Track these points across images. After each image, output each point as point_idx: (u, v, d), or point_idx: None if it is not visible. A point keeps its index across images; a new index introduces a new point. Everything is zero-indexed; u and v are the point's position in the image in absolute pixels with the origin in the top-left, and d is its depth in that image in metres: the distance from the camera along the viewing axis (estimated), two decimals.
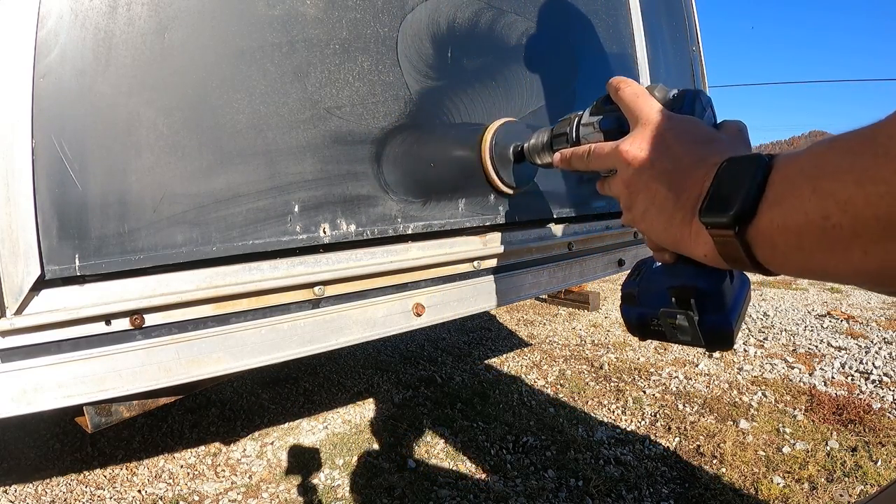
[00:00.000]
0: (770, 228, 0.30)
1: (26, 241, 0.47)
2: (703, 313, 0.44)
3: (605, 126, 0.52)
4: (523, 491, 1.66)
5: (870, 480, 1.63)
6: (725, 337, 0.44)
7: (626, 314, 0.51)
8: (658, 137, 0.41)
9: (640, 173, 0.41)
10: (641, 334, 0.50)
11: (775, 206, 0.29)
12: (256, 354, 0.62)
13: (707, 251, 0.35)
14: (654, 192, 0.40)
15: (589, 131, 0.55)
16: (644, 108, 0.44)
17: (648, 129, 0.42)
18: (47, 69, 0.48)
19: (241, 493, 1.70)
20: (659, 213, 0.39)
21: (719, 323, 0.44)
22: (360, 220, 0.69)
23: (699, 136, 0.40)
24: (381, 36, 0.71)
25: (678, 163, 0.38)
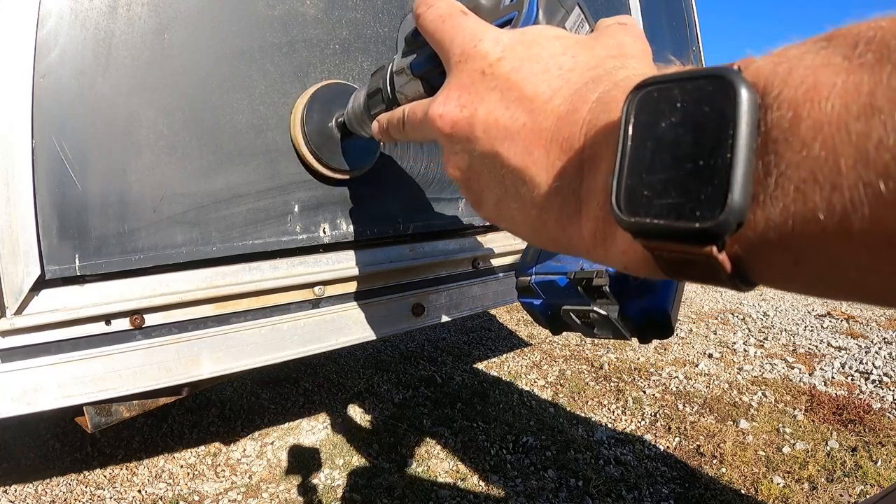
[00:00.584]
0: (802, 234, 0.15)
1: (26, 241, 0.47)
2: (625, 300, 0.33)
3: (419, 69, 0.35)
4: (523, 491, 1.66)
5: (870, 480, 1.63)
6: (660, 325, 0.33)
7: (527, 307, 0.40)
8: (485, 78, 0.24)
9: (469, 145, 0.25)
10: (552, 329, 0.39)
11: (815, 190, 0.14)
12: (256, 354, 0.62)
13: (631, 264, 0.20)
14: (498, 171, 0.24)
15: (403, 81, 0.37)
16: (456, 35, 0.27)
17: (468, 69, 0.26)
18: (47, 69, 0.48)
19: (241, 493, 1.70)
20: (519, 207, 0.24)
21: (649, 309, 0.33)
22: (360, 220, 0.69)
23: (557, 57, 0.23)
24: (381, 36, 0.71)
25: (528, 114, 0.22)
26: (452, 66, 0.27)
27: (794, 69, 0.15)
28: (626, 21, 0.27)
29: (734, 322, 3.50)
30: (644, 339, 0.35)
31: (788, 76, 0.15)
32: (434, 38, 0.29)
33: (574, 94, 0.21)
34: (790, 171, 0.14)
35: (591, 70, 0.23)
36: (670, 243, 0.17)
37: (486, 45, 0.25)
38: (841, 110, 0.13)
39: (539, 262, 0.38)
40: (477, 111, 0.24)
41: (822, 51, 0.15)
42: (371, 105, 0.44)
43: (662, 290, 0.33)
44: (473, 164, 0.26)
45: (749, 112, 0.15)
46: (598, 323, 0.35)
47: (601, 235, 0.20)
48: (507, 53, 0.24)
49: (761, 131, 0.15)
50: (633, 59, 0.24)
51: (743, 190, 0.15)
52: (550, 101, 0.22)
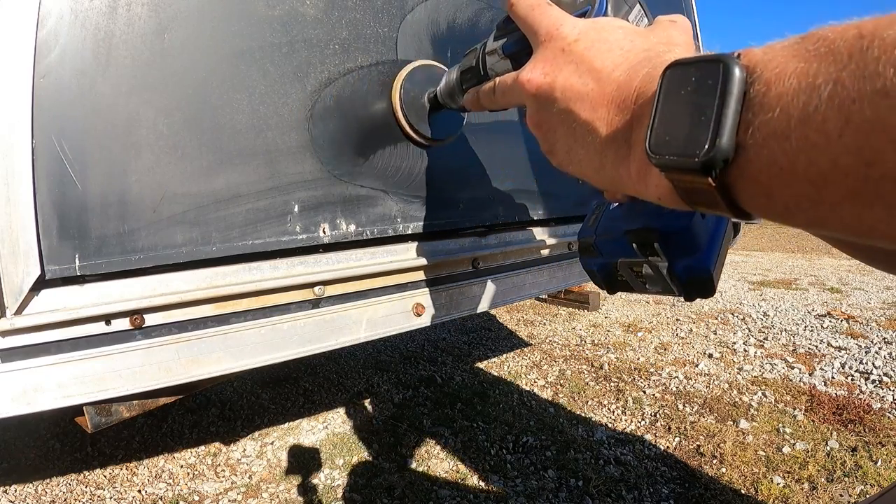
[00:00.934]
0: (768, 173, 0.20)
1: (26, 241, 0.47)
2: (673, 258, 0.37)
3: (510, 50, 0.43)
4: (523, 491, 1.66)
5: (870, 480, 1.63)
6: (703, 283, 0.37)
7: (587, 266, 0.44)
8: (564, 54, 0.32)
9: (549, 105, 0.32)
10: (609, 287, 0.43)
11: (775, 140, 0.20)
12: (256, 354, 0.62)
13: (662, 194, 0.26)
14: (571, 125, 0.31)
15: (495, 60, 0.45)
16: (542, 20, 0.35)
17: (551, 47, 0.33)
18: (47, 69, 0.48)
19: (241, 493, 1.70)
20: (585, 153, 0.31)
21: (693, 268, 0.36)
22: (360, 220, 0.69)
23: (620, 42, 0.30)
24: (381, 36, 0.71)
25: (595, 82, 0.29)
26: (539, 44, 0.34)
27: (774, 58, 0.21)
28: (677, 19, 0.34)
29: (734, 322, 3.50)
30: (689, 297, 0.38)
31: (769, 62, 0.21)
32: (525, 22, 0.36)
33: (630, 69, 0.28)
34: (762, 127, 0.20)
35: (644, 52, 0.29)
36: (682, 174, 0.23)
37: (566, 29, 0.33)
38: (795, 86, 0.19)
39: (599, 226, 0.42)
40: (557, 78, 0.31)
41: (795, 45, 0.20)
42: (464, 80, 0.52)
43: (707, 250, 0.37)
44: (552, 119, 0.33)
45: (738, 85, 0.21)
46: (649, 278, 0.39)
47: (642, 173, 0.27)
48: (582, 36, 0.32)
49: (746, 99, 0.21)
50: (678, 47, 0.30)
51: (729, 136, 0.21)
52: (613, 73, 0.29)
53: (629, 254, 0.39)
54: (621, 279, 0.42)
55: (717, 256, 0.38)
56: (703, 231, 0.38)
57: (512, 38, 0.42)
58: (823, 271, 5.70)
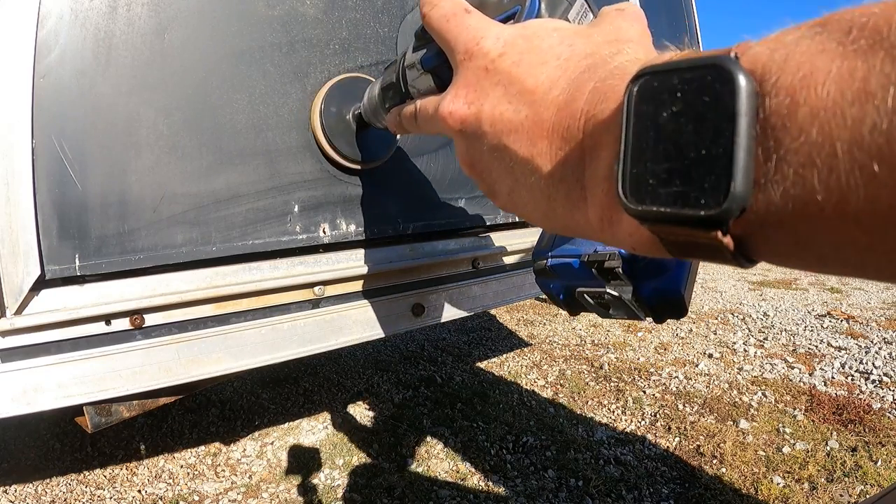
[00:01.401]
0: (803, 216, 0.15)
1: (26, 241, 0.47)
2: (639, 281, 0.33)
3: (429, 64, 0.35)
4: (523, 491, 1.66)
5: (870, 480, 1.63)
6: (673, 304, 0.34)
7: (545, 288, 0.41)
8: (489, 74, 0.25)
9: (478, 140, 0.26)
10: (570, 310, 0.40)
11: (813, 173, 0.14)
12: (256, 354, 0.62)
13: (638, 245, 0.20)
14: (507, 163, 0.25)
15: (415, 75, 0.37)
16: (460, 34, 0.28)
17: (472, 66, 0.26)
18: (47, 69, 0.48)
19: (241, 493, 1.70)
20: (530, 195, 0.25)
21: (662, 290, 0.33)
22: (360, 220, 0.69)
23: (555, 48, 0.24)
24: (381, 36, 0.71)
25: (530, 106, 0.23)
26: (458, 65, 0.28)
27: (791, 56, 0.15)
28: (625, 6, 0.27)
29: (734, 322, 3.50)
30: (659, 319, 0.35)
31: (785, 63, 0.15)
32: (440, 37, 0.30)
33: (571, 84, 0.22)
34: (789, 157, 0.15)
35: (587, 58, 0.23)
36: (676, 228, 0.18)
37: (489, 43, 0.26)
38: (836, 96, 0.14)
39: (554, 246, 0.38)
40: (483, 107, 0.25)
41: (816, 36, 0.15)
42: (386, 98, 0.45)
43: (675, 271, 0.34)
44: (484, 157, 0.27)
45: (748, 100, 0.15)
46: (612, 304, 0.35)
47: (607, 220, 0.21)
48: (508, 49, 0.25)
49: (760, 118, 0.15)
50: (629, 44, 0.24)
51: (745, 177, 0.15)
52: (550, 92, 0.23)
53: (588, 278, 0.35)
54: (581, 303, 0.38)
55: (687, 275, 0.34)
56: None
57: (431, 51, 0.35)
58: None
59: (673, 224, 0.17)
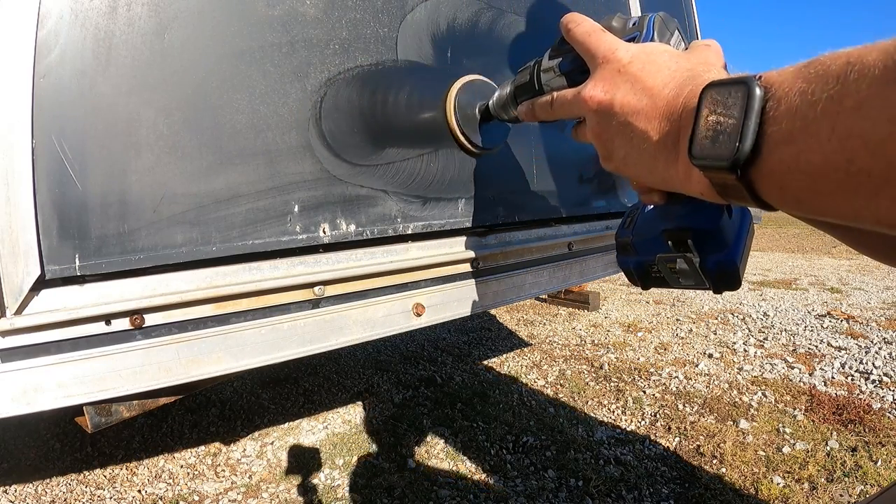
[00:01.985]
0: (779, 170, 0.26)
1: (26, 241, 0.47)
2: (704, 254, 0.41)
3: (565, 68, 0.48)
4: (523, 491, 1.66)
5: (870, 480, 1.63)
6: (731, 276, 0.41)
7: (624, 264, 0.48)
8: (620, 74, 0.37)
9: (609, 118, 0.38)
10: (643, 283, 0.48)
11: (784, 144, 0.25)
12: (256, 354, 0.62)
13: (703, 190, 0.32)
14: (628, 135, 0.36)
15: (550, 77, 0.50)
16: (600, 45, 0.40)
17: (608, 68, 0.38)
18: (47, 69, 0.48)
19: (241, 493, 1.70)
20: (640, 157, 0.36)
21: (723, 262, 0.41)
22: (360, 220, 0.69)
23: (667, 63, 0.36)
24: (381, 36, 0.71)
25: (649, 98, 0.35)
26: (597, 66, 0.40)
27: (785, 80, 0.26)
28: (710, 44, 0.40)
29: (734, 322, 3.50)
30: (718, 289, 0.43)
31: (781, 83, 0.26)
32: (583, 46, 0.42)
33: (677, 87, 0.34)
34: (773, 134, 0.26)
35: (687, 72, 0.35)
36: (715, 172, 0.29)
37: (621, 53, 0.38)
38: (798, 102, 0.25)
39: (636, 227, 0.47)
40: (615, 95, 0.37)
41: (801, 69, 0.26)
42: (518, 94, 0.58)
43: (734, 246, 0.42)
44: (610, 130, 0.38)
45: (758, 102, 0.27)
46: (682, 273, 0.43)
47: (687, 173, 0.32)
48: (635, 59, 0.37)
49: (765, 113, 0.26)
50: (714, 68, 0.36)
51: (749, 142, 0.27)
52: (663, 91, 0.34)
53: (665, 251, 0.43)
54: (656, 275, 0.46)
55: (742, 251, 0.42)
56: (731, 229, 0.42)
57: (568, 58, 0.48)
58: (823, 271, 5.70)
59: (713, 170, 0.29)
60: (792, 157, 0.25)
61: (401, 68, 0.73)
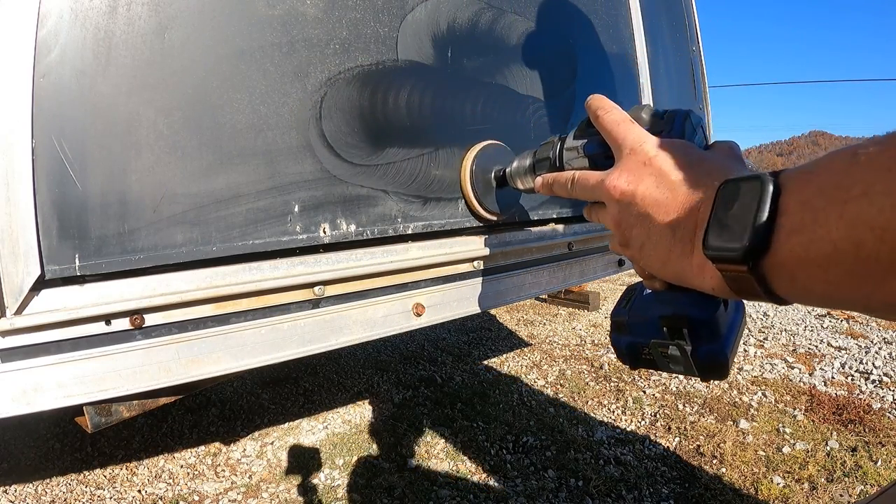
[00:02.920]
0: (790, 261, 0.26)
1: (26, 241, 0.47)
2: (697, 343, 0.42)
3: (590, 151, 0.49)
4: (523, 491, 1.66)
5: (870, 480, 1.63)
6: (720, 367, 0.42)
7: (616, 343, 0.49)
8: (645, 167, 0.38)
9: (630, 208, 0.39)
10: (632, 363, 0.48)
11: (794, 234, 0.26)
12: (256, 354, 0.62)
13: (715, 284, 0.32)
14: (647, 226, 0.37)
15: (573, 156, 0.52)
16: (628, 136, 0.41)
17: (634, 159, 0.39)
18: (47, 69, 0.48)
19: (241, 493, 1.70)
20: (655, 248, 0.37)
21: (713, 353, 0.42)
22: (360, 220, 0.69)
23: (691, 159, 0.37)
24: (381, 36, 0.71)
25: (670, 192, 0.36)
26: (623, 156, 0.41)
27: (800, 176, 0.27)
28: (732, 146, 0.42)
29: None
30: (705, 378, 0.43)
31: (796, 179, 0.27)
32: (611, 134, 0.43)
33: (697, 183, 0.35)
34: (787, 225, 0.27)
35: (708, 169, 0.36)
36: (727, 264, 0.29)
37: (648, 147, 0.39)
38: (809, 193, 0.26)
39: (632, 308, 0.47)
40: (639, 187, 0.38)
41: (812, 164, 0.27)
42: (537, 167, 0.59)
43: (726, 338, 0.42)
44: (630, 219, 0.39)
45: (770, 196, 0.27)
46: (673, 359, 0.43)
47: (701, 266, 0.33)
48: (661, 154, 0.38)
49: (777, 205, 0.27)
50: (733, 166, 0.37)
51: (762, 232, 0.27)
52: (684, 186, 0.36)
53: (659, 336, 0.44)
54: (646, 357, 0.46)
55: (733, 343, 0.43)
56: (725, 321, 0.43)
57: (594, 141, 0.49)
58: None
59: (725, 262, 0.29)
60: (802, 247, 0.25)
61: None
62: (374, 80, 0.70)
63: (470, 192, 0.77)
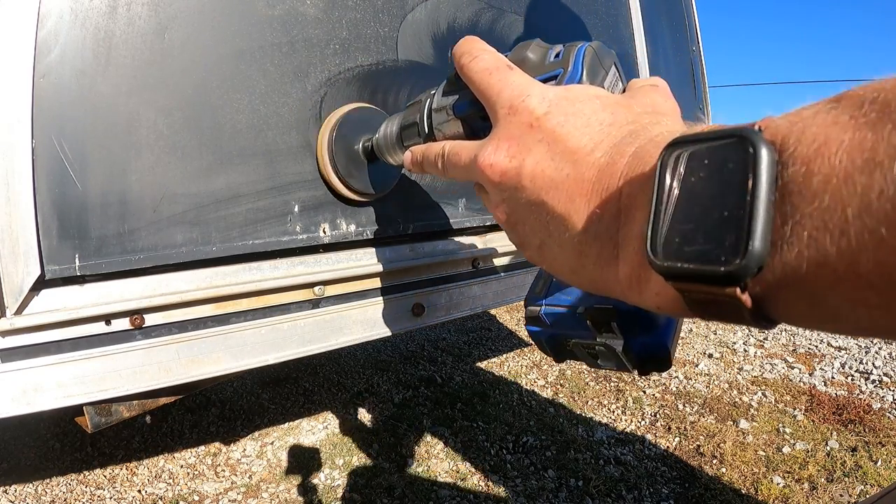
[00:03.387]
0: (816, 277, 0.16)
1: (26, 241, 0.47)
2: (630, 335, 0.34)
3: (461, 111, 0.37)
4: (523, 491, 1.66)
5: (870, 480, 1.63)
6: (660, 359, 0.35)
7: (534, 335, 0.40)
8: (532, 130, 0.26)
9: (516, 193, 0.27)
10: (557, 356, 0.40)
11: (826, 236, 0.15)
12: (256, 354, 0.62)
13: (663, 304, 0.21)
14: (543, 217, 0.26)
15: (442, 119, 0.39)
16: (504, 89, 0.29)
17: (515, 121, 0.27)
18: (47, 69, 0.48)
19: (241, 493, 1.70)
20: (561, 250, 0.26)
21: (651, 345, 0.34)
22: (360, 220, 0.69)
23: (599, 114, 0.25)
24: (381, 36, 0.71)
25: (572, 166, 0.24)
26: (500, 118, 0.29)
27: (808, 128, 0.16)
28: (657, 83, 0.30)
29: None
30: (643, 372, 0.36)
31: (802, 134, 0.16)
32: (479, 88, 0.31)
33: (613, 148, 0.23)
34: (804, 220, 0.16)
35: (628, 125, 0.24)
36: (698, 285, 0.19)
37: (534, 101, 0.27)
38: (847, 165, 0.15)
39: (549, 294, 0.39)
40: (525, 162, 0.26)
41: (832, 111, 0.16)
42: (404, 136, 0.46)
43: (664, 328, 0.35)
44: (519, 210, 0.28)
45: (768, 169, 0.17)
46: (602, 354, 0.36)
47: (636, 278, 0.22)
48: (553, 109, 0.26)
49: (779, 185, 0.17)
50: (665, 117, 0.26)
51: (762, 238, 0.16)
52: (592, 154, 0.24)
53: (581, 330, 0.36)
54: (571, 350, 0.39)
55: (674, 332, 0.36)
56: None
57: (465, 98, 0.36)
58: None
59: (695, 281, 0.18)
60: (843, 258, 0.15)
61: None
62: (375, 80, 0.70)
63: (329, 170, 0.62)
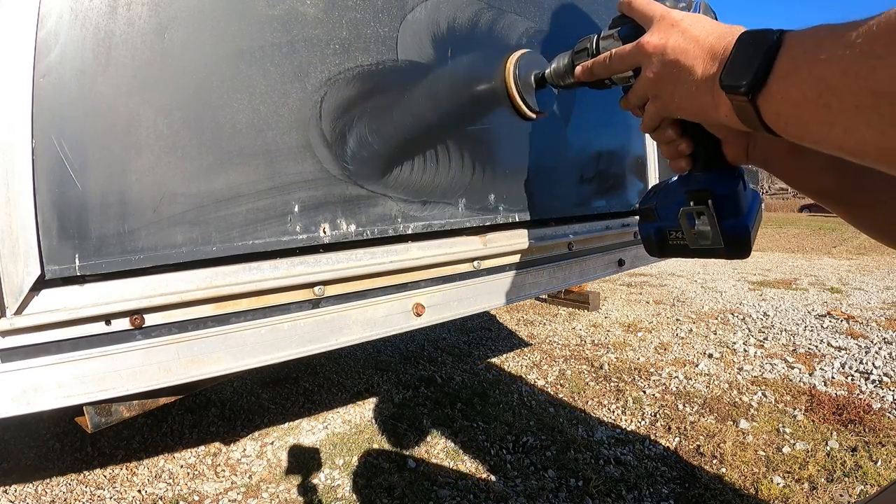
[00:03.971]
0: (776, 99, 0.34)
1: (26, 241, 0.47)
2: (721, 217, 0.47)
3: (624, 33, 0.55)
4: (523, 491, 1.66)
5: (870, 480, 1.63)
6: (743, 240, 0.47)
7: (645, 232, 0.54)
8: (674, 27, 0.46)
9: (664, 56, 0.46)
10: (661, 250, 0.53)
11: (782, 79, 0.34)
12: (256, 354, 0.62)
13: (726, 112, 0.40)
14: (678, 70, 0.45)
15: (609, 42, 0.58)
16: (656, 9, 0.49)
17: (664, 23, 0.47)
18: (47, 69, 0.48)
19: (241, 493, 1.70)
20: (685, 88, 0.45)
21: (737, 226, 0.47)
22: (360, 220, 0.69)
23: (710, 23, 0.45)
24: (381, 36, 0.71)
25: (695, 43, 0.44)
26: (654, 23, 0.49)
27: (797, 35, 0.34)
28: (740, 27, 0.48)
29: (734, 322, 3.50)
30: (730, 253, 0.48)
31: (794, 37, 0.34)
32: (641, 11, 0.51)
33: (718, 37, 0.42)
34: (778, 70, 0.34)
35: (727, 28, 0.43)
36: (735, 95, 0.37)
37: (675, 14, 0.48)
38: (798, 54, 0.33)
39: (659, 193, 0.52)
40: (669, 40, 0.46)
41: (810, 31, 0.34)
42: (576, 59, 0.64)
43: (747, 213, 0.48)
44: (663, 68, 0.47)
45: (770, 47, 0.35)
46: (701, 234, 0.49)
47: (717, 100, 0.41)
48: (685, 18, 0.46)
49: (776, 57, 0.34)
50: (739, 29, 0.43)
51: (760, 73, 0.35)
52: (707, 39, 0.43)
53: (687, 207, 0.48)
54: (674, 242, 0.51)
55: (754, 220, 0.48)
56: (745, 198, 0.48)
57: (628, 26, 0.55)
58: (823, 271, 5.70)
59: (733, 92, 0.37)
60: (785, 89, 0.34)
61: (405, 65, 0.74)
62: (374, 80, 0.70)
63: (514, 92, 0.84)
